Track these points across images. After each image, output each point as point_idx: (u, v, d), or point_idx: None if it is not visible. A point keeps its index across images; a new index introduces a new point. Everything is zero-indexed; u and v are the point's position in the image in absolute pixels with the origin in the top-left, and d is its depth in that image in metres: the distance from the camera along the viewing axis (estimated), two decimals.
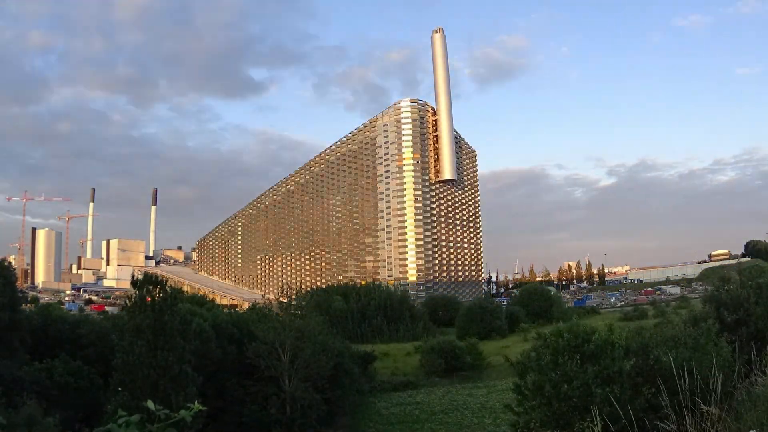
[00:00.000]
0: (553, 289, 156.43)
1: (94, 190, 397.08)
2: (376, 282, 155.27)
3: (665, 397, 9.66)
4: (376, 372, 71.56)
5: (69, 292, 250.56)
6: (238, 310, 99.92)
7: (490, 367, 71.41)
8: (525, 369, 20.65)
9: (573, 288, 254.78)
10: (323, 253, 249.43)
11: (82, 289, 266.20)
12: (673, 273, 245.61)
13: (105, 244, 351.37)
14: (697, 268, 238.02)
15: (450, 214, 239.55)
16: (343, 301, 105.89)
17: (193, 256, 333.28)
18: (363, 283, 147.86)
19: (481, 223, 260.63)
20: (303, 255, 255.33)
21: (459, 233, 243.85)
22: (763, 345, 11.35)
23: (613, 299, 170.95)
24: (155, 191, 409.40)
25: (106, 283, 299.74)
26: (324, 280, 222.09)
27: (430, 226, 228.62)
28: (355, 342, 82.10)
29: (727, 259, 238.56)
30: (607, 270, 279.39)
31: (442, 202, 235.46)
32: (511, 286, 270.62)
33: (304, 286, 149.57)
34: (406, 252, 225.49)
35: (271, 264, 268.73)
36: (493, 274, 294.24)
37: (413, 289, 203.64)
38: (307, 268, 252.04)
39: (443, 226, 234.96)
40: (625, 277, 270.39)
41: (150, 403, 3.10)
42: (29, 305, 73.42)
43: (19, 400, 30.78)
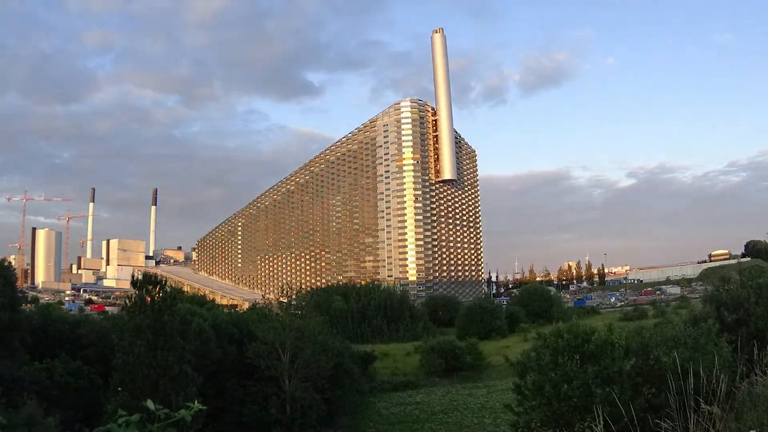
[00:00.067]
0: (553, 289, 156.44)
1: (94, 190, 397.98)
2: (376, 282, 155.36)
3: (666, 396, 9.65)
4: (376, 372, 71.54)
5: (69, 292, 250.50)
6: (238, 310, 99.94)
7: (490, 367, 71.40)
8: (525, 369, 20.65)
9: (573, 288, 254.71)
10: (323, 253, 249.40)
11: (82, 289, 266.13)
12: (673, 273, 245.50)
13: (105, 244, 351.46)
14: (697, 268, 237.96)
15: (450, 214, 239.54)
16: (343, 301, 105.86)
17: (193, 256, 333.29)
18: (363, 283, 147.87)
19: (481, 223, 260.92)
20: (303, 255, 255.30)
21: (459, 233, 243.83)
22: (764, 345, 11.34)
23: (613, 299, 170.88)
24: (155, 191, 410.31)
25: (106, 283, 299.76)
26: (324, 280, 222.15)
27: (430, 226, 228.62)
28: (355, 342, 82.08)
29: (727, 259, 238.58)
30: (607, 270, 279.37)
31: (442, 202, 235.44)
32: (511, 286, 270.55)
33: (304, 286, 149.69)
34: (406, 252, 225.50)
35: (271, 264, 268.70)
36: (493, 274, 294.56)
37: (413, 289, 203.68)
38: (307, 268, 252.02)
39: (443, 226, 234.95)
40: (625, 277, 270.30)
41: (150, 403, 3.09)
42: (29, 305, 73.34)
43: (19, 400, 30.75)
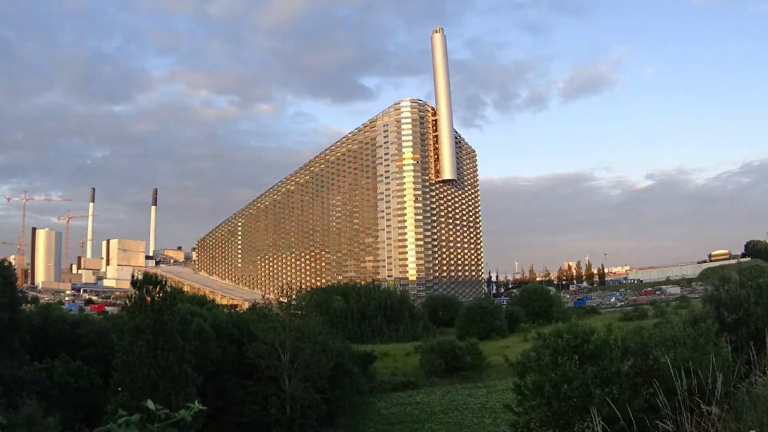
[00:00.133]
0: (553, 289, 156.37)
1: (94, 190, 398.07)
2: (376, 282, 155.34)
3: (665, 397, 9.66)
4: (376, 372, 71.54)
5: (69, 292, 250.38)
6: (238, 310, 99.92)
7: (490, 367, 71.39)
8: (525, 369, 20.68)
9: (573, 288, 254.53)
10: (323, 253, 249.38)
11: (82, 289, 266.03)
12: (673, 273, 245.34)
13: (105, 244, 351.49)
14: (697, 268, 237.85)
15: (450, 214, 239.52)
16: (343, 301, 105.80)
17: (193, 256, 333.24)
18: (363, 283, 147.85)
19: (481, 223, 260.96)
20: (303, 255, 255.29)
21: (459, 233, 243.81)
22: (763, 345, 11.34)
23: (613, 299, 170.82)
24: (155, 191, 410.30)
25: (106, 283, 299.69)
26: (324, 280, 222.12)
27: (430, 226, 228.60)
28: (355, 342, 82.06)
29: (727, 259, 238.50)
30: (607, 270, 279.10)
31: (442, 202, 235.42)
32: (511, 286, 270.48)
33: (304, 286, 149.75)
34: (406, 252, 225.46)
35: (271, 264, 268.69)
36: (493, 274, 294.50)
37: (413, 289, 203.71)
38: (307, 268, 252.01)
39: (443, 226, 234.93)
40: (625, 277, 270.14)
41: (150, 403, 3.10)
42: (29, 305, 73.38)
43: (19, 400, 30.76)
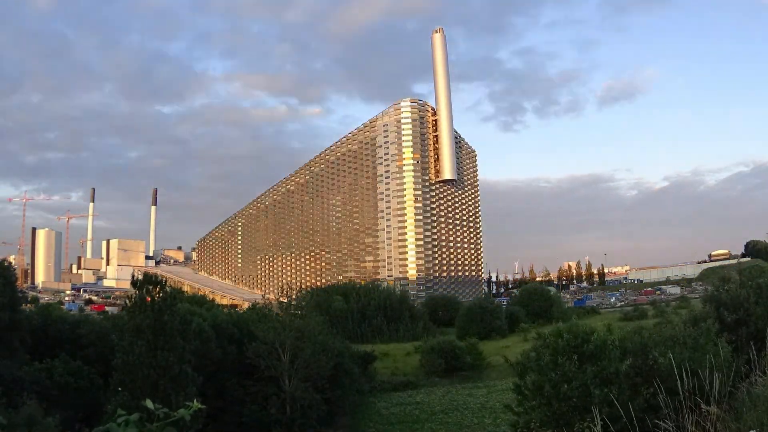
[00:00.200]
0: (553, 289, 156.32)
1: (94, 190, 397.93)
2: (377, 282, 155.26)
3: (664, 397, 9.65)
4: (376, 372, 71.54)
5: (69, 292, 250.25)
6: (238, 310, 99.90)
7: (490, 367, 71.40)
8: (525, 369, 20.70)
9: (573, 288, 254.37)
10: (323, 253, 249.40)
11: (82, 289, 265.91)
12: (673, 273, 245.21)
13: (105, 244, 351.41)
14: (697, 268, 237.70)
15: (450, 214, 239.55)
16: (343, 301, 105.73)
17: (193, 256, 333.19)
18: (363, 283, 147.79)
19: (481, 223, 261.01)
20: (303, 255, 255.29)
21: (459, 233, 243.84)
22: (763, 345, 11.33)
23: (613, 299, 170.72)
24: (155, 191, 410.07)
25: (106, 283, 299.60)
26: (324, 280, 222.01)
27: (430, 226, 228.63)
28: (355, 342, 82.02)
29: (727, 259, 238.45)
30: (607, 270, 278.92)
31: (442, 202, 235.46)
32: (511, 286, 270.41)
33: (304, 286, 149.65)
34: (406, 252, 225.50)
35: (271, 264, 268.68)
36: (493, 274, 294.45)
37: (413, 289, 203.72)
38: (307, 268, 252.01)
39: (443, 226, 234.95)
40: (625, 277, 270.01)
41: (149, 402, 3.09)
42: (29, 305, 73.31)
43: (19, 400, 30.76)
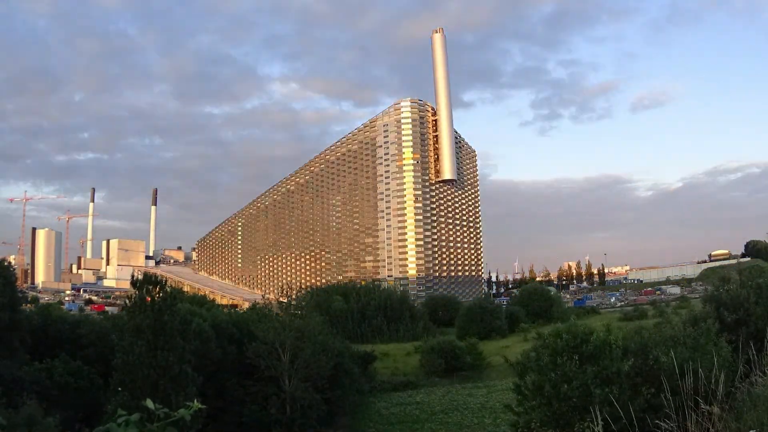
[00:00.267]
0: (553, 289, 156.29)
1: (93, 190, 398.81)
2: (377, 282, 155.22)
3: (665, 397, 9.65)
4: (376, 372, 71.53)
5: (69, 292, 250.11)
6: (238, 310, 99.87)
7: (490, 367, 71.42)
8: (525, 369, 20.69)
9: (573, 288, 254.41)
10: (323, 253, 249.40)
11: (82, 289, 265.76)
12: (673, 273, 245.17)
13: (105, 244, 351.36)
14: (697, 268, 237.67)
15: (450, 214, 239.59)
16: (343, 301, 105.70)
17: (193, 256, 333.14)
18: (363, 283, 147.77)
19: (481, 223, 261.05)
20: (303, 255, 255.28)
21: (459, 233, 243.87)
22: (763, 345, 11.33)
23: (613, 299, 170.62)
24: (155, 191, 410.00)
25: (106, 283, 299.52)
26: (324, 280, 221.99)
27: (430, 226, 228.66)
28: (355, 342, 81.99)
29: (727, 259, 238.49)
30: (607, 270, 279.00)
31: (442, 202, 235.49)
32: (511, 286, 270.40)
33: (304, 286, 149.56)
34: (406, 252, 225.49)
35: (271, 264, 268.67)
36: (493, 274, 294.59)
37: (413, 289, 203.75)
38: (307, 268, 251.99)
39: (443, 226, 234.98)
40: (625, 277, 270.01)
41: (149, 402, 3.09)
42: (29, 305, 73.23)
43: (19, 400, 30.75)
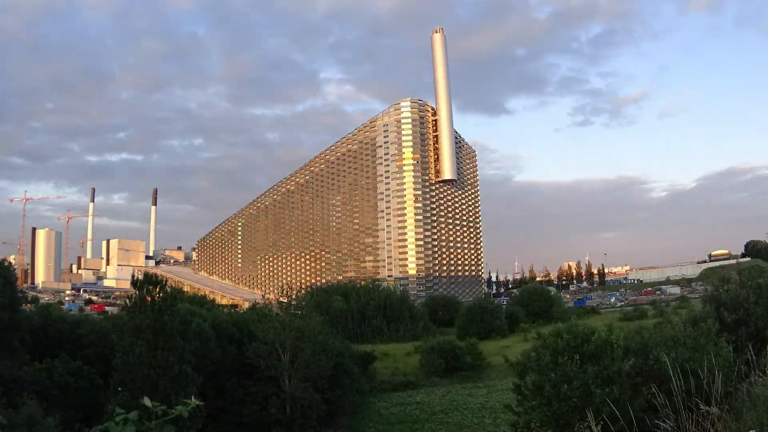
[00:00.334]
0: (553, 289, 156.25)
1: (93, 189, 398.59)
2: (377, 282, 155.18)
3: (665, 397, 9.64)
4: (376, 372, 71.51)
5: (69, 292, 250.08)
6: (238, 309, 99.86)
7: (490, 367, 71.41)
8: (525, 369, 20.69)
9: (573, 288, 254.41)
10: (323, 253, 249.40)
11: (82, 289, 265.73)
12: (673, 273, 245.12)
13: (105, 244, 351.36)
14: (697, 268, 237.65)
15: (450, 214, 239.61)
16: (343, 301, 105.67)
17: (193, 256, 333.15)
18: (363, 283, 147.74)
19: (481, 222, 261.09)
20: (303, 255, 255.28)
21: (459, 233, 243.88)
22: (763, 345, 11.33)
23: (613, 299, 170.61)
24: (155, 191, 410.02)
25: (106, 283, 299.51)
26: (324, 280, 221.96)
27: (430, 226, 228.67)
28: (355, 342, 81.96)
29: (727, 259, 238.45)
30: (607, 270, 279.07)
31: (442, 202, 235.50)
32: (511, 286, 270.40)
33: (304, 286, 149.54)
34: (406, 252, 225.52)
35: (271, 264, 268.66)
36: (493, 274, 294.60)
37: (413, 289, 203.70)
38: (307, 268, 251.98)
39: (443, 225, 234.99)
40: (625, 277, 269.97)
41: (146, 400, 3.08)
42: (29, 305, 73.26)
43: (19, 400, 30.74)
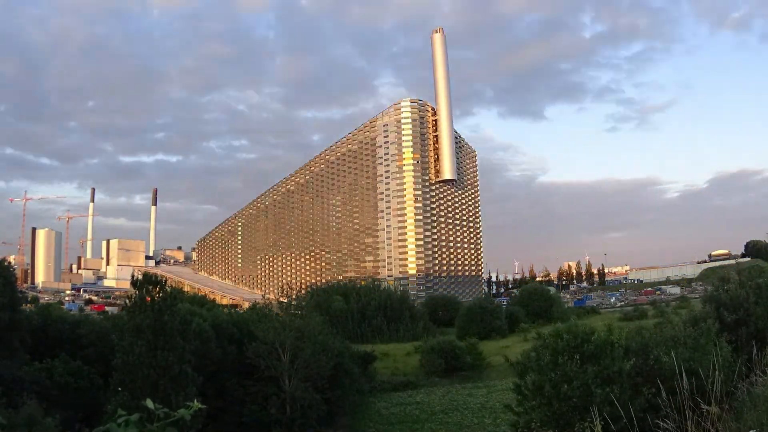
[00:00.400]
0: (553, 289, 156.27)
1: (94, 190, 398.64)
2: (377, 282, 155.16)
3: (665, 396, 9.64)
4: (376, 372, 71.48)
5: (69, 292, 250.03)
6: (238, 309, 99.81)
7: (490, 367, 71.42)
8: (525, 369, 20.70)
9: (573, 288, 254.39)
10: (323, 253, 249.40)
11: (82, 289, 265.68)
12: (673, 273, 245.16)
13: (105, 244, 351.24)
14: (697, 268, 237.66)
15: (450, 214, 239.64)
16: (343, 301, 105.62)
17: (193, 256, 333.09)
18: (363, 283, 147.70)
19: (480, 222, 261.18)
20: (303, 255, 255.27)
21: (459, 233, 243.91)
22: (763, 345, 11.34)
23: (613, 299, 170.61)
24: (155, 191, 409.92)
25: (106, 283, 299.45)
26: (324, 280, 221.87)
27: (430, 226, 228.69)
28: (355, 342, 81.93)
29: (727, 259, 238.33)
30: (607, 270, 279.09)
31: (442, 202, 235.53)
32: (510, 286, 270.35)
33: (304, 286, 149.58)
34: (406, 252, 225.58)
35: (271, 264, 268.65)
36: (493, 274, 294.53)
37: (413, 289, 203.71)
38: (307, 268, 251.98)
39: (443, 225, 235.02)
40: (625, 277, 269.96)
41: (149, 402, 3.08)
42: (29, 305, 73.28)
43: (19, 400, 30.73)
